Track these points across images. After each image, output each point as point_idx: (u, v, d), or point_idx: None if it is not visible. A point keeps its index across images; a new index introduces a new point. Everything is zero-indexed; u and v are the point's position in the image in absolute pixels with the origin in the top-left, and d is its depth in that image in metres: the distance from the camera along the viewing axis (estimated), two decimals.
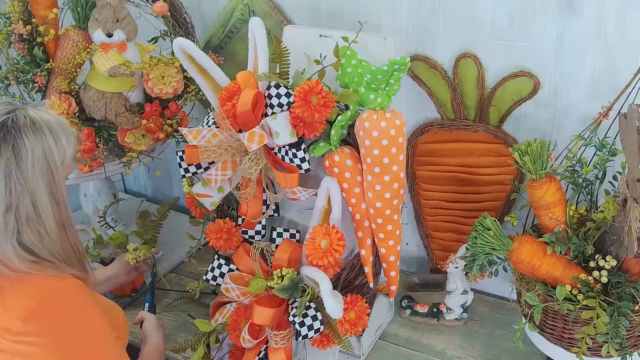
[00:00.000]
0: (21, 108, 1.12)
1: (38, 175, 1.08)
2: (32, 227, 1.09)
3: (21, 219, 1.08)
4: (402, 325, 1.69)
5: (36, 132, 1.09)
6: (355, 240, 1.44)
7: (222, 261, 1.51)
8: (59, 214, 1.13)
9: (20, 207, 1.07)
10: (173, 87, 1.64)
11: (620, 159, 1.29)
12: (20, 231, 1.08)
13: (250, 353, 1.43)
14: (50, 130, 1.11)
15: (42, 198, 1.09)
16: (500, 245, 1.30)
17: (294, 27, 1.60)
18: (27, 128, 1.09)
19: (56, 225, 1.12)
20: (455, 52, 1.56)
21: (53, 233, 1.12)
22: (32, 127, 1.09)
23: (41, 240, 1.11)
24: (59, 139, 1.12)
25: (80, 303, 1.15)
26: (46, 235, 1.11)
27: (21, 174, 1.07)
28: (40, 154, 1.09)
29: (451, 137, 1.65)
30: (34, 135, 1.09)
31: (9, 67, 1.67)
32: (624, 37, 1.37)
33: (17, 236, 1.08)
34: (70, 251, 1.16)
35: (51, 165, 1.10)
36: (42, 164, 1.09)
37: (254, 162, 1.39)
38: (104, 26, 1.59)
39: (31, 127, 1.09)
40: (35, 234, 1.10)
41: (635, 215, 1.16)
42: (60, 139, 1.12)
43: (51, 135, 1.11)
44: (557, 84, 1.49)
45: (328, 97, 1.30)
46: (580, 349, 1.27)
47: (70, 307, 1.12)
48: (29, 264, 1.10)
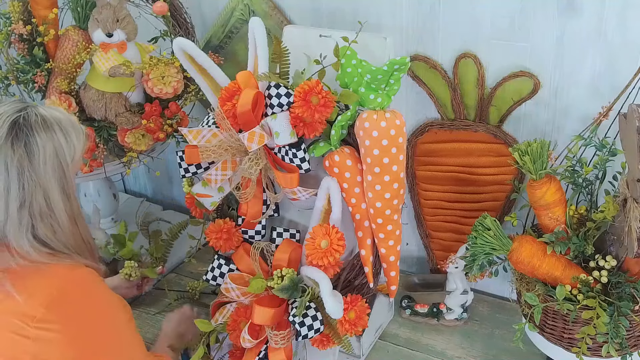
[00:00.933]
0: (32, 106, 1.14)
1: (50, 171, 1.11)
2: (45, 221, 1.13)
3: (35, 214, 1.11)
4: (402, 325, 1.69)
5: (47, 130, 1.12)
6: (355, 240, 1.44)
7: (222, 261, 1.51)
8: (71, 209, 1.16)
9: (33, 203, 1.10)
10: (173, 87, 1.64)
11: (620, 159, 1.29)
12: (34, 226, 1.12)
13: (250, 353, 1.43)
14: (61, 128, 1.14)
15: (54, 194, 1.12)
16: (500, 245, 1.30)
17: (294, 27, 1.60)
18: (39, 126, 1.11)
19: (68, 220, 1.16)
20: (455, 52, 1.56)
21: (66, 227, 1.16)
22: (43, 125, 1.12)
23: (55, 234, 1.14)
24: (69, 136, 1.15)
25: (96, 290, 1.19)
26: (59, 229, 1.15)
27: (33, 170, 1.10)
28: (52, 151, 1.12)
29: (451, 137, 1.65)
30: (45, 133, 1.11)
31: (9, 67, 1.67)
32: (624, 37, 1.37)
33: (32, 230, 1.11)
34: (82, 244, 1.21)
35: (62, 162, 1.13)
36: (54, 161, 1.12)
37: (254, 162, 1.39)
38: (104, 26, 1.59)
39: (42, 125, 1.12)
40: (49, 228, 1.13)
41: (635, 215, 1.16)
42: (70, 136, 1.15)
43: (62, 132, 1.14)
44: (557, 84, 1.49)
45: (328, 97, 1.30)
46: (580, 349, 1.27)
47: (87, 295, 1.17)
48: (45, 256, 1.13)
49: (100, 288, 1.21)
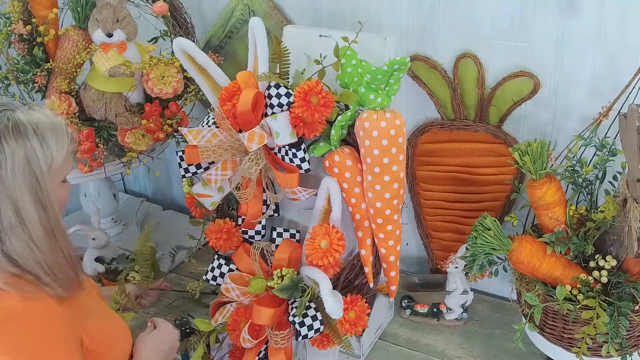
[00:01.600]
0: (8, 110, 1.06)
1: (20, 180, 1.02)
2: (16, 235, 1.03)
3: (4, 227, 1.02)
4: (402, 325, 1.69)
5: (18, 136, 1.03)
6: (355, 240, 1.44)
7: (222, 261, 1.51)
8: (47, 221, 1.06)
9: (1, 215, 1.02)
10: (173, 87, 1.64)
11: (620, 159, 1.29)
12: (2, 240, 1.03)
13: (250, 353, 1.43)
14: (37, 134, 1.05)
15: (26, 205, 1.03)
16: (500, 245, 1.30)
17: (294, 27, 1.60)
18: (8, 131, 1.03)
19: (44, 233, 1.06)
20: (455, 52, 1.56)
21: (42, 241, 1.06)
22: (14, 131, 1.03)
23: (28, 250, 1.05)
24: (45, 143, 1.06)
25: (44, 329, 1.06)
26: (33, 245, 1.05)
27: (0, 180, 1.01)
28: (22, 159, 1.03)
29: (451, 137, 1.65)
30: (15, 140, 1.03)
31: (9, 67, 1.67)
32: (624, 37, 1.37)
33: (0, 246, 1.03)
34: (61, 259, 1.10)
35: (35, 170, 1.04)
36: (25, 169, 1.03)
37: (254, 162, 1.39)
38: (104, 26, 1.59)
39: (13, 131, 1.03)
40: (21, 242, 1.04)
41: (635, 215, 1.16)
42: (47, 142, 1.06)
43: (37, 138, 1.05)
44: (557, 84, 1.49)
45: (328, 97, 1.30)
46: (580, 349, 1.26)
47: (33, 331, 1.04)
48: (7, 277, 1.05)
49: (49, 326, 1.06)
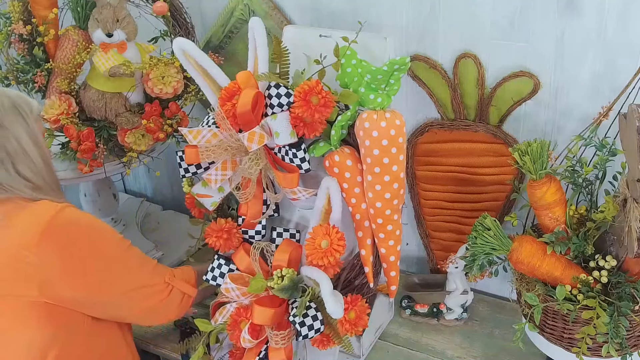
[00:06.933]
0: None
1: (13, 118, 1.29)
2: (22, 160, 1.29)
3: (10, 153, 1.28)
4: (402, 325, 1.69)
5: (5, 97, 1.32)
6: (355, 240, 1.44)
7: (222, 261, 1.51)
8: (42, 152, 1.33)
9: (7, 144, 1.27)
10: (173, 87, 1.64)
11: (620, 159, 1.29)
12: (14, 163, 1.28)
13: (250, 353, 1.43)
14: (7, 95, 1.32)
15: (23, 137, 1.29)
16: (500, 245, 1.30)
17: (294, 27, 1.60)
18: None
19: (42, 161, 1.33)
20: (455, 52, 1.56)
21: (41, 166, 1.33)
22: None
23: (33, 171, 1.31)
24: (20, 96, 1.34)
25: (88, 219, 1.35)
26: (35, 167, 1.31)
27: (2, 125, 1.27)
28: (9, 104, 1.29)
29: (451, 137, 1.65)
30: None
31: (9, 67, 1.67)
32: (624, 37, 1.37)
33: (14, 167, 1.28)
34: (57, 181, 1.38)
35: (21, 112, 1.30)
36: (14, 112, 1.30)
37: (254, 162, 1.39)
38: (104, 26, 1.59)
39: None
40: (28, 164, 1.30)
41: (635, 215, 1.16)
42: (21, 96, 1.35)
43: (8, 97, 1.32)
44: (557, 84, 1.49)
45: (328, 97, 1.30)
46: (580, 349, 1.27)
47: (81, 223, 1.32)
48: (30, 190, 1.30)
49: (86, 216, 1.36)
